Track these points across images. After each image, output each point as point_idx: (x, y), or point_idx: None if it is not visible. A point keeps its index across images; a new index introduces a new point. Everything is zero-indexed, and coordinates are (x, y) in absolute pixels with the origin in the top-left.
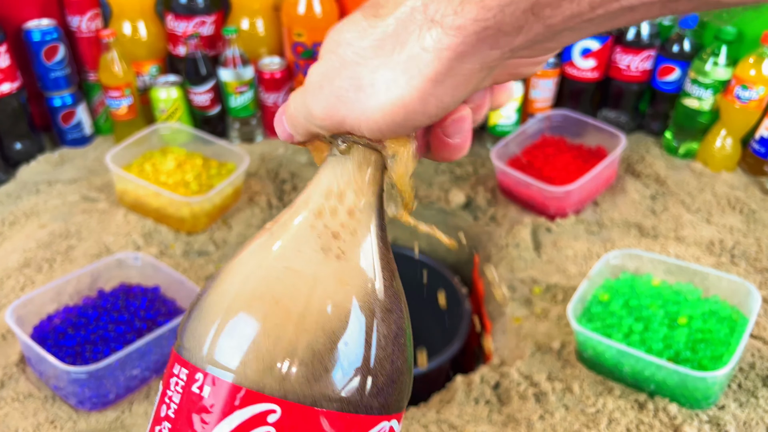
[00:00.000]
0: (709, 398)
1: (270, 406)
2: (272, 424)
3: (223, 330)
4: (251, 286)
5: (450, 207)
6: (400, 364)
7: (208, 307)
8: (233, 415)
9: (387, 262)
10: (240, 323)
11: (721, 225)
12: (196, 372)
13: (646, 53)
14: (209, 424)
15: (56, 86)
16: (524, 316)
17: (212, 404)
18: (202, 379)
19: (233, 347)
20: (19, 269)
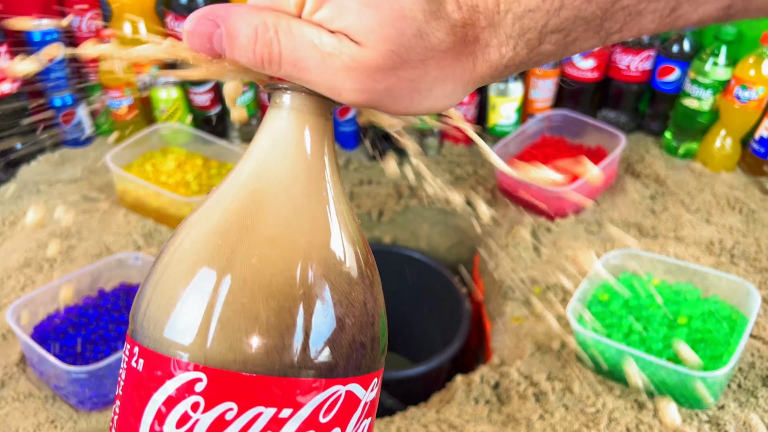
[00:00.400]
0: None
1: (195, 374)
2: (199, 393)
3: (150, 301)
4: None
5: (450, 207)
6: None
7: (145, 283)
8: (163, 387)
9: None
10: (161, 291)
11: (720, 225)
12: (134, 346)
13: (645, 53)
14: (144, 397)
15: (57, 86)
16: (524, 316)
17: (145, 378)
18: (137, 353)
19: (156, 317)
20: (19, 269)
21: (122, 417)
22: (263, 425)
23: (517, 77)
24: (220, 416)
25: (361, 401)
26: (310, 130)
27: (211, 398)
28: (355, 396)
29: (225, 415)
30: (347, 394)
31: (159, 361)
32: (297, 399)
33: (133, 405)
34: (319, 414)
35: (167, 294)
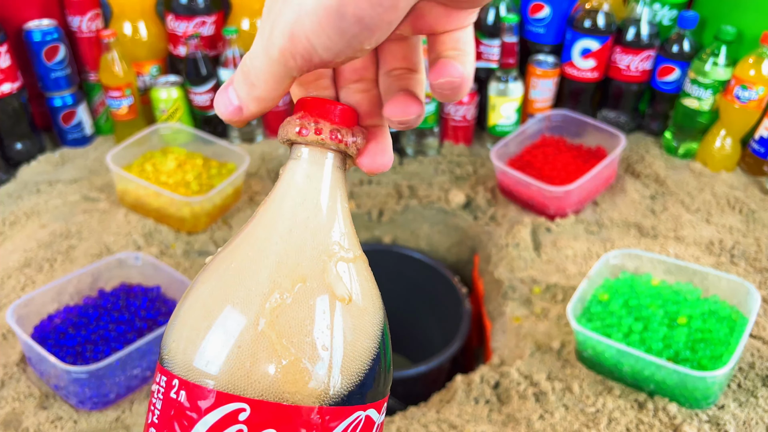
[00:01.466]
0: (708, 398)
1: (239, 405)
2: (243, 422)
3: (191, 336)
4: (216, 292)
5: (450, 207)
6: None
7: (180, 316)
8: (206, 417)
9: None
10: (204, 328)
11: (720, 225)
12: (173, 379)
13: (645, 53)
14: (187, 427)
15: (57, 86)
16: (524, 316)
17: (187, 408)
18: (177, 385)
19: (200, 351)
20: (19, 269)
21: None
22: None
23: (517, 77)
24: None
25: (375, 424)
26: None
27: (254, 427)
28: (371, 420)
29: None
30: (366, 419)
31: (202, 393)
32: (329, 425)
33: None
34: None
35: (208, 330)
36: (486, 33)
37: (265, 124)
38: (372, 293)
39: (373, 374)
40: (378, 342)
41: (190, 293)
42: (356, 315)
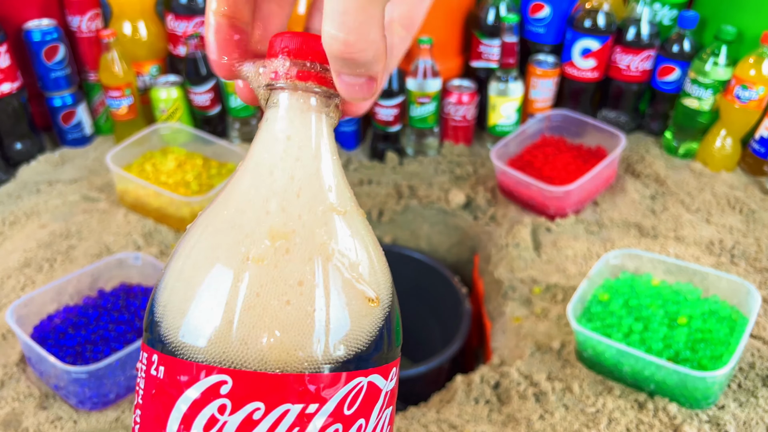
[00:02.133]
0: (708, 398)
1: (219, 377)
2: (225, 395)
3: (167, 307)
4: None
5: (450, 207)
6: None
7: (158, 287)
8: (186, 393)
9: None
10: (178, 297)
11: (720, 225)
12: (153, 354)
13: (645, 53)
14: (168, 404)
15: (56, 86)
16: (524, 316)
17: (167, 384)
18: (156, 361)
19: (175, 323)
20: (19, 269)
21: (144, 426)
22: (291, 422)
23: (517, 77)
24: (247, 417)
25: (382, 391)
26: (327, 127)
27: (237, 399)
28: (376, 387)
29: (253, 415)
30: (369, 385)
31: (181, 367)
32: (322, 394)
33: (156, 413)
34: (343, 407)
35: (185, 299)
36: (486, 33)
37: None
38: (368, 249)
39: (374, 336)
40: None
41: (168, 264)
42: (349, 272)
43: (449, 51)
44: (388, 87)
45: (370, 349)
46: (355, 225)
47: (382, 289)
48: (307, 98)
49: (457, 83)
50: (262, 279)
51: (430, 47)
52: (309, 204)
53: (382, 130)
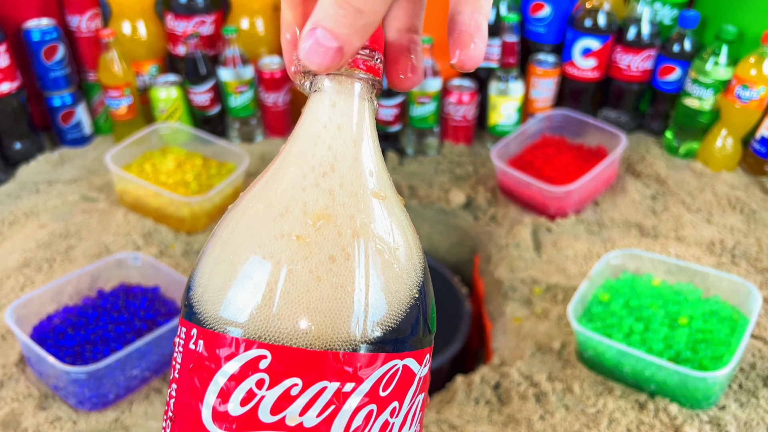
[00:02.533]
0: (709, 398)
1: (260, 351)
2: (264, 370)
3: (208, 282)
4: (233, 235)
5: (450, 207)
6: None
7: (200, 263)
8: (225, 366)
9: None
10: (220, 273)
11: (721, 225)
12: (192, 329)
13: (646, 53)
14: (206, 378)
15: (56, 86)
16: (524, 316)
17: (206, 359)
18: (195, 335)
19: (216, 296)
20: (18, 269)
21: (180, 399)
22: (327, 399)
23: (517, 77)
24: (285, 392)
25: (416, 376)
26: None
27: (276, 375)
28: (411, 370)
29: (290, 391)
30: (404, 369)
31: (221, 341)
32: (359, 373)
33: (192, 386)
34: (379, 388)
35: (228, 275)
36: None
37: (264, 124)
38: (407, 235)
39: (411, 320)
40: (415, 286)
41: (210, 240)
42: (389, 254)
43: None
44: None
45: (407, 332)
46: (394, 210)
47: (418, 274)
48: (351, 83)
49: (457, 83)
50: (302, 257)
51: (430, 47)
52: (351, 186)
53: (382, 129)
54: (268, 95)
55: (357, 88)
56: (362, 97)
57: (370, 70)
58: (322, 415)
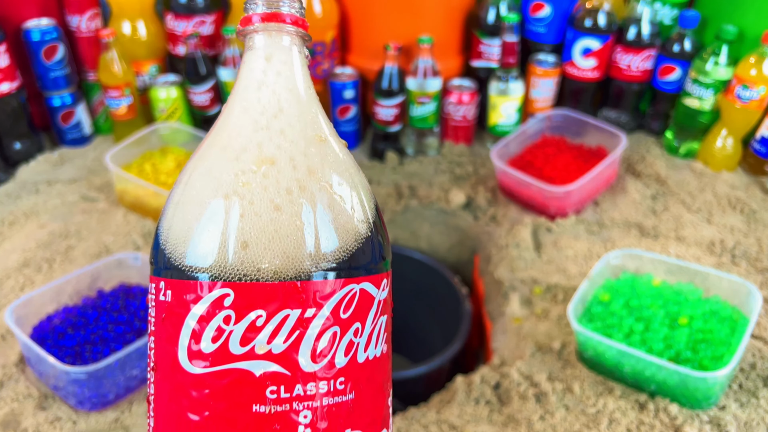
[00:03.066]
0: (709, 398)
1: (222, 291)
2: (229, 307)
3: (168, 236)
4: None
5: (450, 207)
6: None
7: (160, 223)
8: (193, 310)
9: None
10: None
11: (721, 225)
12: (159, 282)
13: (646, 53)
14: (177, 323)
15: (56, 86)
16: (524, 317)
17: (175, 306)
18: (164, 287)
19: (175, 247)
20: (18, 269)
21: (158, 348)
22: (291, 326)
23: (517, 76)
24: (251, 324)
25: (375, 299)
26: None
27: (240, 310)
28: (368, 294)
29: (255, 322)
30: (361, 292)
31: (186, 287)
32: (318, 299)
33: (167, 334)
34: (339, 311)
35: (185, 225)
36: (486, 32)
37: None
38: (351, 172)
39: (361, 248)
40: (362, 218)
41: (168, 199)
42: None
43: (449, 50)
44: (388, 86)
45: (359, 259)
46: (336, 151)
47: (365, 207)
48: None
49: (457, 83)
50: (255, 196)
51: (430, 47)
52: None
53: (382, 129)
54: None
55: (286, 41)
56: (292, 46)
57: (295, 22)
58: (288, 341)
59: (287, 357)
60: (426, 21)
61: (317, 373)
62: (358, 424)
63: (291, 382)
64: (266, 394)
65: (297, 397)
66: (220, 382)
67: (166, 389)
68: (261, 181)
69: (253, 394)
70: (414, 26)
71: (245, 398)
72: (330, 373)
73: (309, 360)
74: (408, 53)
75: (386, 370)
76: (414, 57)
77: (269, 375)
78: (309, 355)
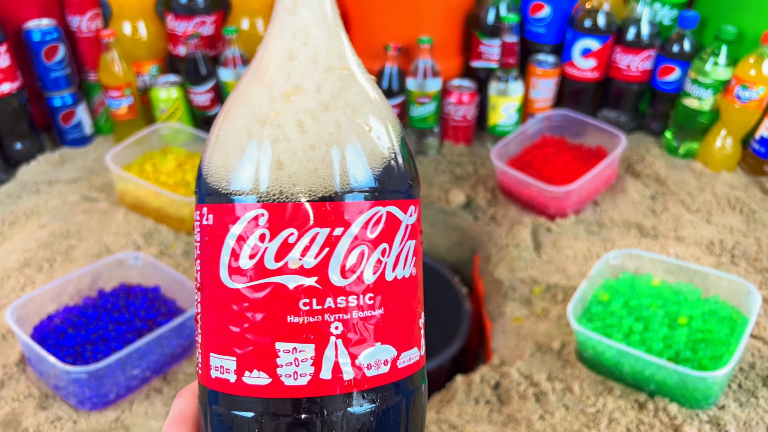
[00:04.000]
0: (709, 398)
1: (256, 211)
2: (263, 226)
3: (209, 166)
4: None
5: (450, 207)
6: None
7: (204, 154)
8: (232, 230)
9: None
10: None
11: (721, 225)
12: (202, 208)
13: (646, 53)
14: (218, 244)
15: (56, 86)
16: (524, 316)
17: (216, 228)
18: (206, 212)
19: (218, 175)
20: (19, 269)
21: (203, 269)
22: (321, 243)
23: (517, 77)
24: (284, 241)
25: (402, 222)
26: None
27: (274, 228)
28: (395, 217)
29: (288, 239)
30: (388, 215)
31: (225, 210)
32: (345, 218)
33: (210, 254)
34: (366, 231)
35: (224, 152)
36: (486, 33)
37: None
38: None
39: (387, 173)
40: (388, 145)
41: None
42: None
43: (449, 51)
44: (388, 87)
45: (385, 183)
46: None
47: (392, 135)
48: None
49: (457, 83)
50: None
51: (430, 47)
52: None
53: None
54: None
55: None
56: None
57: None
58: (319, 257)
59: (318, 272)
60: (426, 21)
61: (347, 288)
62: (387, 339)
63: (322, 295)
64: (299, 306)
65: (328, 309)
66: (257, 295)
67: (211, 306)
68: (290, 108)
69: (287, 306)
70: (414, 27)
71: (280, 310)
72: (359, 289)
73: (339, 275)
74: (408, 54)
75: (416, 292)
76: (414, 57)
77: (302, 289)
78: (338, 270)
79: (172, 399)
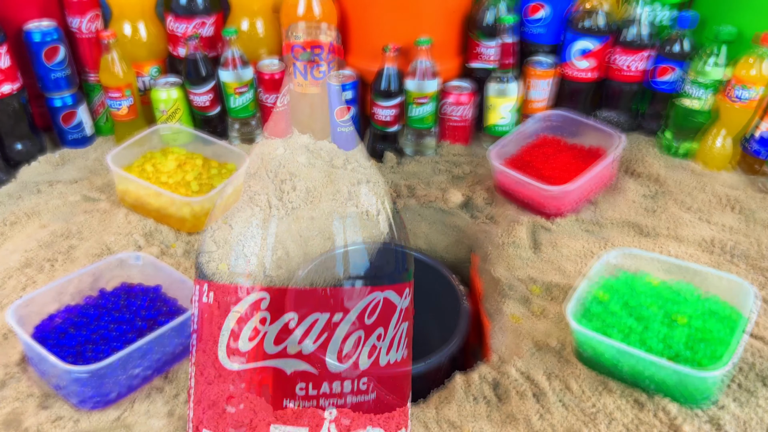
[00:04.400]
0: (708, 397)
1: (260, 294)
2: (265, 309)
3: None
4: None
5: (448, 206)
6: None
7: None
8: (234, 310)
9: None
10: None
11: (719, 225)
12: (203, 285)
13: (644, 53)
14: (218, 323)
15: (57, 87)
16: (523, 315)
17: (216, 307)
18: (206, 290)
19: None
20: (20, 269)
21: (200, 346)
22: (321, 328)
23: (515, 77)
24: (284, 326)
25: (398, 307)
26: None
27: (275, 312)
28: (391, 302)
29: (288, 324)
30: (385, 301)
31: (228, 291)
32: (345, 305)
33: (209, 333)
34: (364, 316)
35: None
36: (485, 33)
37: (264, 125)
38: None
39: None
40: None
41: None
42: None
43: (448, 52)
44: (386, 87)
45: (383, 270)
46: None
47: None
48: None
49: (455, 84)
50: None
51: (428, 48)
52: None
53: (380, 130)
54: (268, 96)
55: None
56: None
57: None
58: (317, 342)
59: (316, 357)
60: (424, 22)
61: (342, 373)
62: (378, 422)
63: (318, 381)
64: (296, 391)
65: (324, 394)
66: (254, 378)
67: (206, 383)
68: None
69: (284, 390)
70: (412, 28)
71: (277, 394)
72: (354, 374)
73: (335, 360)
74: (406, 54)
75: (407, 374)
76: (412, 58)
77: (299, 373)
78: (335, 356)
79: (173, 398)
